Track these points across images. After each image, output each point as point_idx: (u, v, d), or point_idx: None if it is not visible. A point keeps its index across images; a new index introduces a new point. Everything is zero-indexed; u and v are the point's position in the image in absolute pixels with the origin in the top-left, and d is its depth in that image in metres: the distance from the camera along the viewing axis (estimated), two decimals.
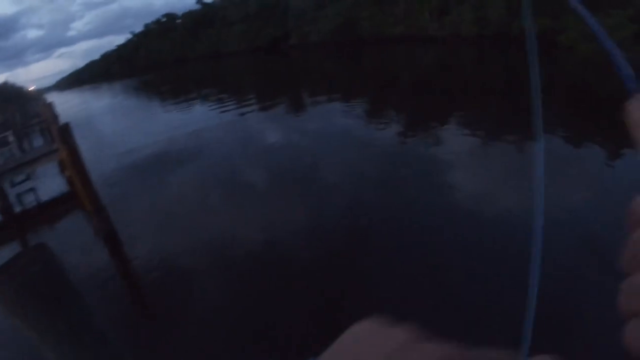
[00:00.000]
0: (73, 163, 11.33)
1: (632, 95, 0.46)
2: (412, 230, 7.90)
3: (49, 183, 15.32)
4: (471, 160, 11.45)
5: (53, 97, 40.57)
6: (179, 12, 61.95)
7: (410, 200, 9.25)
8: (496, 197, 8.95)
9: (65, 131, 11.31)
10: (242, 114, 19.82)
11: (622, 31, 29.52)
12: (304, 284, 6.69)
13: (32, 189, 14.99)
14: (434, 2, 42.87)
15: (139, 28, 68.24)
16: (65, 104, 45.74)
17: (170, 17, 62.83)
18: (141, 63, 55.73)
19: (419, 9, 43.91)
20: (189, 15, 60.28)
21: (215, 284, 7.23)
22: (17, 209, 13.36)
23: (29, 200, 14.09)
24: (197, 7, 60.46)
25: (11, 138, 15.30)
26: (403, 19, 44.94)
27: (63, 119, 13.87)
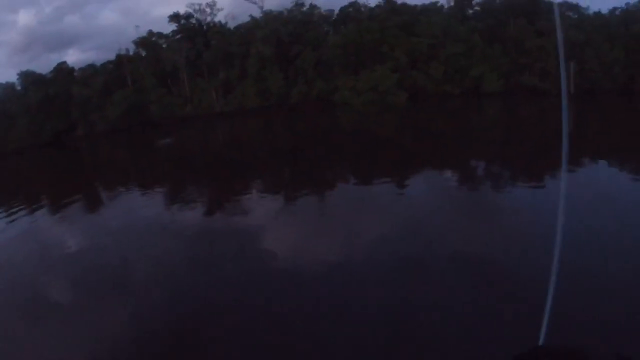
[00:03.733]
0: None
1: None
2: (242, 306, 7.73)
3: None
4: (279, 221, 11.97)
5: None
6: None
7: (232, 274, 9.19)
8: (314, 249, 9.51)
9: None
10: (34, 221, 17.59)
11: (388, 80, 33.21)
12: None
13: None
14: (217, 80, 44.07)
15: None
16: None
17: None
18: None
19: (205, 89, 44.75)
20: None
21: None
22: None
23: None
24: None
25: None
26: (191, 99, 45.34)
27: None
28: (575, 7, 38.11)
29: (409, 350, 5.76)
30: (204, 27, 49.31)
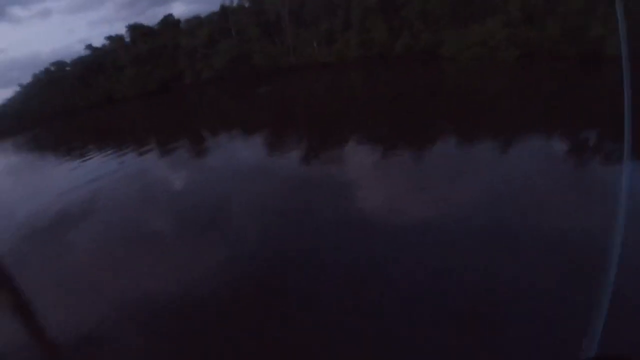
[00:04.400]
0: None
1: None
2: (333, 254, 7.78)
3: None
4: (375, 175, 11.69)
5: None
6: (68, 60, 59.25)
7: (326, 223, 9.12)
8: (409, 206, 9.30)
9: None
10: (143, 162, 18.38)
11: (498, 35, 31.13)
12: (230, 326, 6.39)
13: None
14: (320, 31, 43.60)
15: (27, 79, 63.49)
16: None
17: (59, 65, 58.71)
18: (32, 116, 52.04)
19: (307, 39, 44.48)
20: (78, 62, 57.04)
21: (137, 343, 6.58)
22: None
23: None
24: (86, 53, 57.92)
25: None
26: (293, 49, 45.27)
27: None
28: None
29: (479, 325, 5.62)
30: None
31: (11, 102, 60.42)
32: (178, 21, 55.18)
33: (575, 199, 8.71)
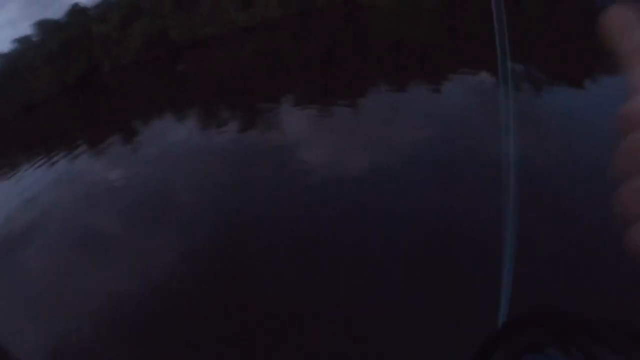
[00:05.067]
0: None
1: (604, 10, 0.49)
2: (285, 221, 7.60)
3: None
4: (316, 134, 11.63)
5: None
6: None
7: (274, 190, 8.91)
8: (352, 157, 9.23)
9: None
10: (77, 165, 17.13)
11: None
12: (195, 315, 6.07)
13: None
14: None
15: None
16: None
17: None
18: None
19: (224, 6, 42.66)
20: None
21: (107, 346, 6.22)
22: None
23: None
24: None
25: None
26: (211, 18, 43.37)
27: None
28: None
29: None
30: None
31: None
32: (86, 8, 52.20)
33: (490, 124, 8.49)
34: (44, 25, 51.34)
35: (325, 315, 5.21)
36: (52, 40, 49.11)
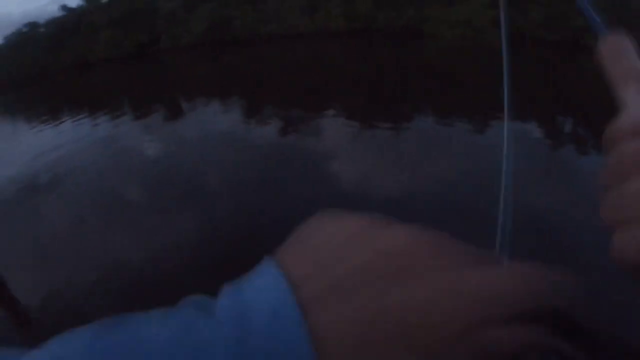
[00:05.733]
0: None
1: (601, 38, 0.55)
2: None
3: None
4: (350, 149, 11.72)
5: None
6: (42, 21, 56.85)
7: (299, 196, 8.96)
8: (380, 182, 9.34)
9: None
10: (115, 128, 17.65)
11: (483, 15, 30.29)
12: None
13: None
14: (305, 0, 42.27)
15: None
16: None
17: (32, 26, 56.09)
18: (2, 79, 49.89)
19: (290, 7, 43.14)
20: (52, 22, 54.67)
21: (109, 308, 6.18)
22: None
23: None
24: (60, 13, 55.52)
25: None
26: (275, 17, 43.87)
27: None
28: None
29: None
30: None
31: None
32: None
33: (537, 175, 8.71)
34: None
35: None
36: (119, 6, 50.04)
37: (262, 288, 0.37)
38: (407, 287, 0.34)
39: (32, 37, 53.68)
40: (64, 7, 55.74)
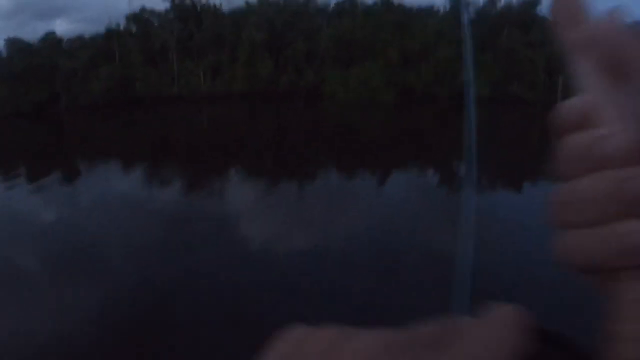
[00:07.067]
0: None
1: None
2: (211, 288, 7.69)
3: None
4: (256, 207, 11.94)
5: None
6: None
7: (205, 257, 9.02)
8: (287, 237, 9.60)
9: None
10: (8, 190, 16.61)
11: (377, 77, 32.82)
12: None
13: None
14: (207, 62, 43.33)
15: None
16: None
17: None
18: None
19: (193, 70, 43.99)
20: None
21: None
22: None
23: None
24: None
25: None
26: (178, 79, 44.49)
27: None
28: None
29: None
30: (198, 8, 48.24)
31: None
32: (60, 40, 52.00)
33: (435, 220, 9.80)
34: (14, 43, 50.62)
35: None
36: (19, 61, 48.42)
37: None
38: None
39: None
40: None
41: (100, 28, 51.76)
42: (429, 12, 44.09)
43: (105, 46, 48.56)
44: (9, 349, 6.73)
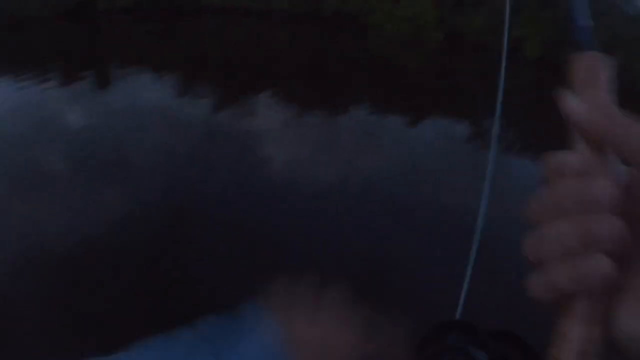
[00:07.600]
0: None
1: (582, 50, 0.44)
2: (232, 209, 7.85)
3: None
4: (285, 133, 11.98)
5: None
6: None
7: (229, 176, 9.12)
8: (311, 168, 9.75)
9: None
10: (40, 92, 16.46)
11: (427, 15, 31.02)
12: (126, 276, 6.20)
13: None
14: None
15: None
16: None
17: None
18: None
19: None
20: None
21: (32, 290, 5.99)
22: None
23: None
24: None
25: None
26: None
27: None
28: None
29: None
30: None
31: None
32: None
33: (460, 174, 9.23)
34: None
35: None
36: None
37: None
38: None
39: None
40: None
41: None
42: None
43: None
44: (35, 252, 6.66)
